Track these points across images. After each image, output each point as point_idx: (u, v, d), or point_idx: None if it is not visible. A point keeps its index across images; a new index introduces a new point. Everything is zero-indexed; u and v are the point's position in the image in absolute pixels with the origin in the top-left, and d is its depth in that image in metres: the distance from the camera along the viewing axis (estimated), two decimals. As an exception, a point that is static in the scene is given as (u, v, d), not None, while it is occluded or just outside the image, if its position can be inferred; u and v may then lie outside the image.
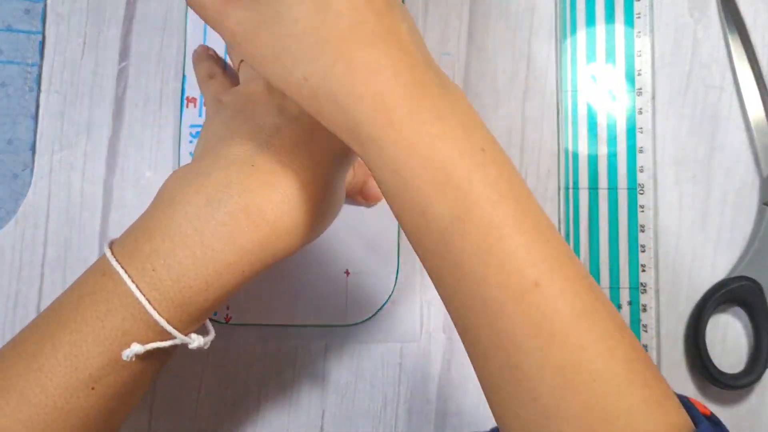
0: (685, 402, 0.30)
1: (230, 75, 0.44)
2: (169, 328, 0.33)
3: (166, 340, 0.33)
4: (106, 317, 0.32)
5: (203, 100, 0.46)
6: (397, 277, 0.46)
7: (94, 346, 0.32)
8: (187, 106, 0.47)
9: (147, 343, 0.33)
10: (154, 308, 0.32)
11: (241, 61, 0.41)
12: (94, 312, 0.33)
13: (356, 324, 0.46)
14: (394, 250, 0.46)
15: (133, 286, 0.32)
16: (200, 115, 0.47)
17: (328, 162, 0.35)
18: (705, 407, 0.31)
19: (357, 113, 0.30)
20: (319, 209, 0.35)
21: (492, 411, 0.31)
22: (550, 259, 0.30)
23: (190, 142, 0.46)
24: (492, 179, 0.30)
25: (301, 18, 0.31)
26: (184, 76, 0.47)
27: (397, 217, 0.32)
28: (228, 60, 0.46)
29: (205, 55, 0.46)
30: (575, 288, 0.29)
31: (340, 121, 0.31)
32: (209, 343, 0.35)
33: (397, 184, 0.31)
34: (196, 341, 0.34)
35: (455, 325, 0.32)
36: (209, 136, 0.37)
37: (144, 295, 0.32)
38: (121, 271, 0.33)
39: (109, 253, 0.34)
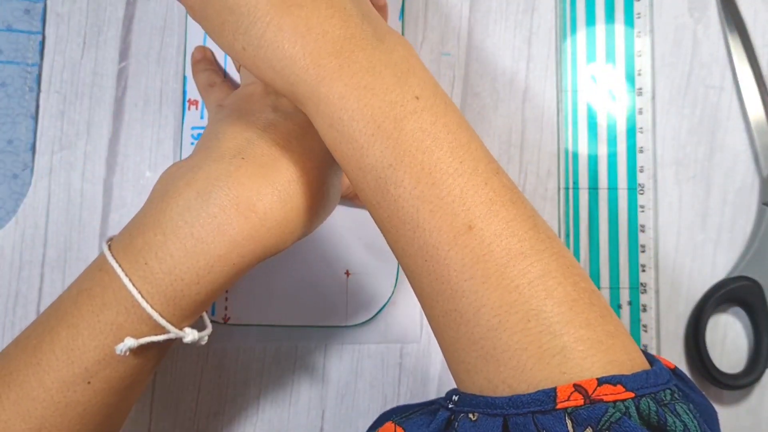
0: (649, 356, 0.30)
1: (230, 80, 0.44)
2: (161, 321, 0.33)
3: (159, 334, 0.33)
4: (101, 311, 0.33)
5: (205, 105, 0.46)
6: (397, 278, 0.46)
7: (89, 340, 0.32)
8: (188, 109, 0.47)
9: (141, 337, 0.33)
10: (147, 301, 0.32)
11: (240, 65, 0.41)
12: (90, 306, 0.33)
13: (356, 325, 0.46)
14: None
15: (125, 279, 0.32)
16: (202, 117, 0.47)
17: (321, 158, 0.36)
18: (670, 363, 0.31)
19: (291, 75, 0.31)
20: (312, 204, 0.35)
21: (444, 359, 0.32)
22: (487, 201, 0.30)
23: (192, 144, 0.46)
24: (425, 125, 0.31)
25: None
26: (185, 78, 0.47)
27: (342, 170, 0.33)
28: (227, 66, 0.46)
29: (203, 65, 0.46)
30: (513, 229, 0.29)
31: (279, 84, 0.32)
32: (206, 338, 0.35)
33: (335, 138, 0.31)
34: (190, 335, 0.34)
35: (405, 275, 0.32)
36: (206, 134, 0.37)
37: (136, 288, 0.32)
38: (115, 265, 0.33)
39: (105, 248, 0.34)
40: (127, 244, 0.34)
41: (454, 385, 0.47)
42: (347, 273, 0.46)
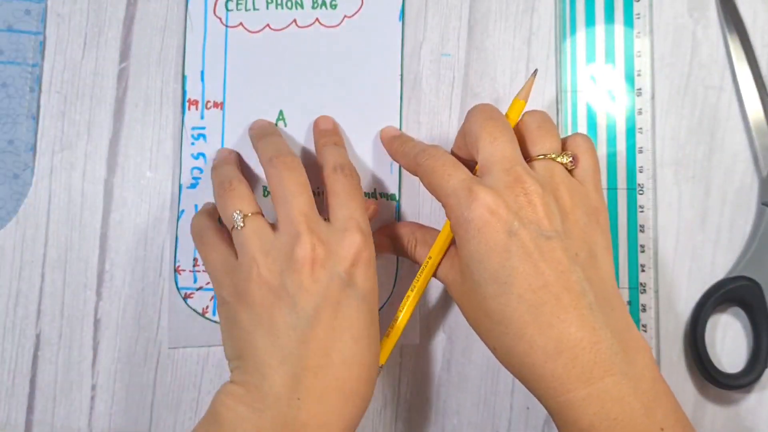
0: None
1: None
2: None
3: None
4: None
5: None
6: (396, 278, 0.46)
7: None
8: (189, 109, 0.47)
9: None
10: None
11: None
12: None
13: None
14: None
15: None
16: (202, 117, 0.47)
17: (360, 347, 0.37)
18: None
19: (537, 389, 0.34)
20: (365, 400, 0.37)
21: None
22: None
23: (192, 144, 0.46)
24: None
25: (489, 298, 0.34)
26: (184, 77, 0.47)
27: None
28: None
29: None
30: None
31: (527, 384, 0.35)
32: None
33: None
34: None
35: None
36: (239, 339, 0.37)
37: None
38: None
39: None
40: None
41: (454, 386, 0.47)
42: None
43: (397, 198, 0.46)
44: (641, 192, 0.47)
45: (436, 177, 0.38)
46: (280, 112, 0.47)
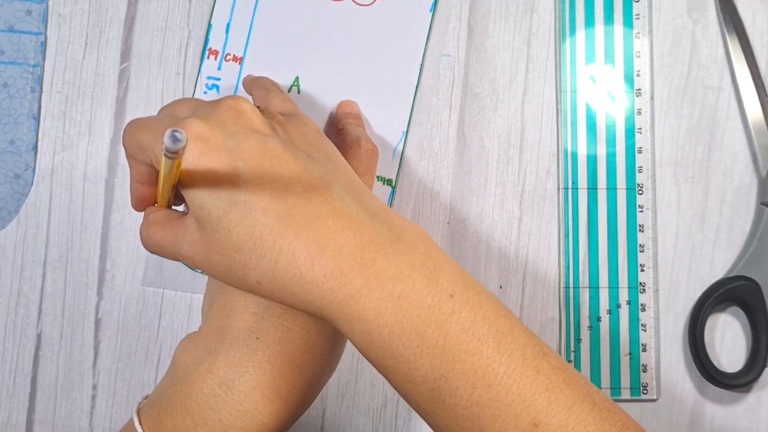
0: None
1: None
2: None
3: None
4: None
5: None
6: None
7: None
8: (207, 57, 0.47)
9: None
10: None
11: None
12: None
13: None
14: None
15: None
16: (219, 69, 0.47)
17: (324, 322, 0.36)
18: None
19: (317, 299, 0.31)
20: (324, 368, 0.36)
21: None
22: (544, 391, 0.29)
23: (205, 93, 0.47)
24: (467, 324, 0.30)
25: (232, 227, 0.31)
26: (210, 25, 0.46)
27: (389, 382, 0.32)
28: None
29: None
30: (576, 415, 0.29)
31: (305, 308, 0.31)
32: None
33: (378, 354, 0.31)
34: None
35: None
36: (212, 300, 0.37)
37: None
38: None
39: (137, 424, 0.34)
40: (156, 424, 0.34)
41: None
42: None
43: (394, 184, 0.47)
44: (640, 192, 0.47)
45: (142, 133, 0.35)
46: (296, 79, 0.47)
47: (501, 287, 0.47)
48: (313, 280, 0.30)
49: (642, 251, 0.47)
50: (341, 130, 0.44)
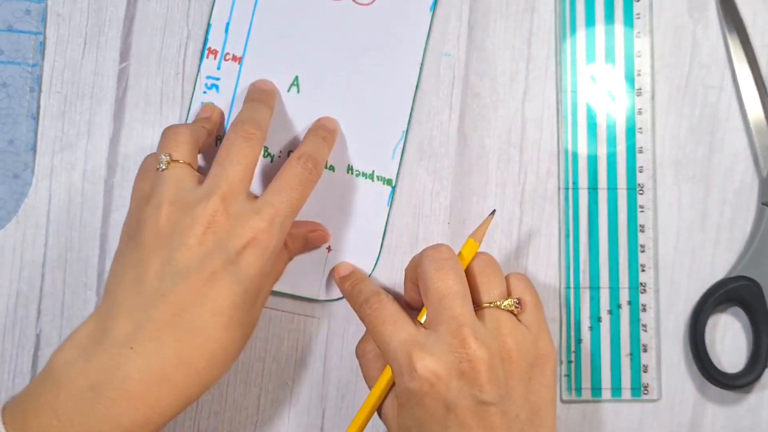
0: None
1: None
2: None
3: None
4: None
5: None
6: (377, 259, 0.46)
7: None
8: (207, 57, 0.46)
9: None
10: None
11: None
12: None
13: (331, 301, 0.46)
14: (379, 234, 0.46)
15: None
16: (218, 68, 0.46)
17: (216, 323, 0.36)
18: None
19: None
20: (201, 379, 0.36)
21: None
22: None
23: (204, 92, 0.46)
24: None
25: None
26: (209, 25, 0.46)
27: None
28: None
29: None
30: None
31: None
32: None
33: None
34: None
35: None
36: (114, 283, 0.37)
37: None
38: None
39: (0, 423, 0.34)
40: (22, 423, 0.34)
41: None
42: (329, 249, 0.46)
43: (394, 184, 0.47)
44: (641, 192, 0.47)
45: (378, 335, 0.38)
46: (296, 78, 0.47)
47: (501, 287, 0.47)
48: None
49: (643, 251, 0.47)
50: (303, 139, 0.44)
